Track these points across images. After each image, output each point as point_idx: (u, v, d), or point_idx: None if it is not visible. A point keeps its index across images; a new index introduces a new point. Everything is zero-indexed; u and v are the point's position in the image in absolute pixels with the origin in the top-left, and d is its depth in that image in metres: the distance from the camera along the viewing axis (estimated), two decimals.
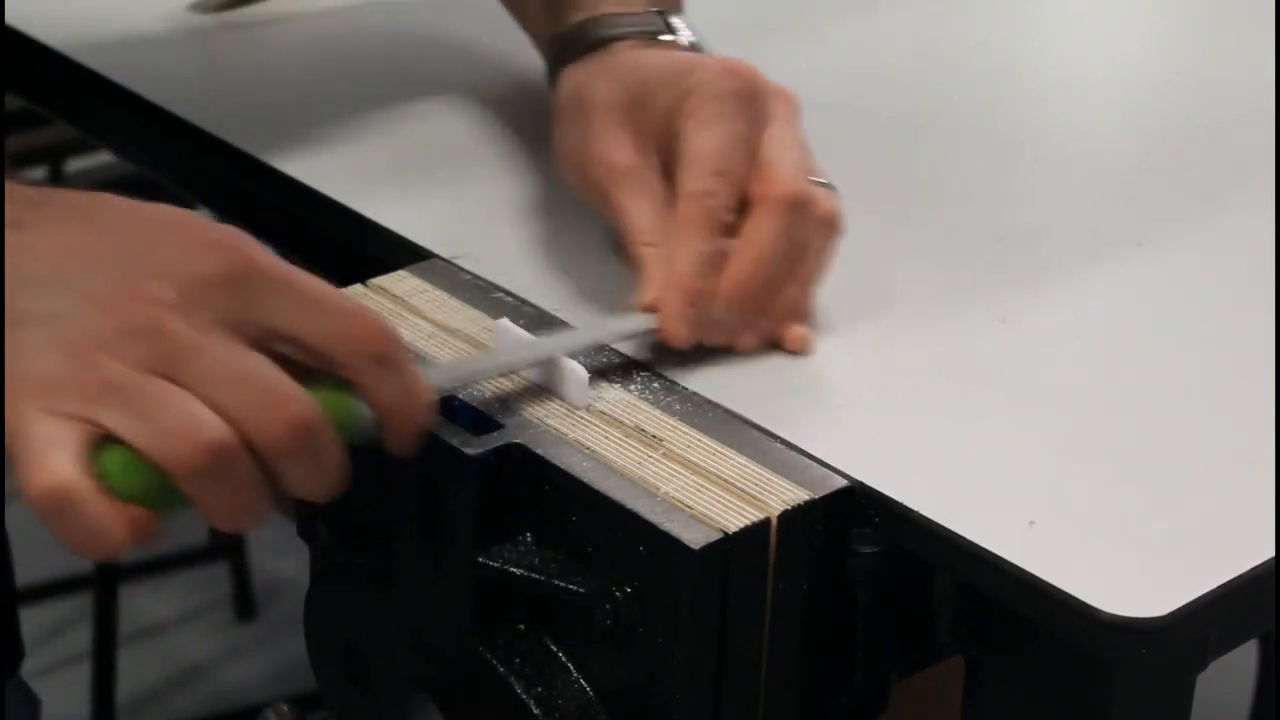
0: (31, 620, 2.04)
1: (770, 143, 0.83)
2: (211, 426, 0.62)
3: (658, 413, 0.77)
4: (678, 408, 0.78)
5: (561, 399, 0.77)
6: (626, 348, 0.82)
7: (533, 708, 0.73)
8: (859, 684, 0.77)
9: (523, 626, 0.75)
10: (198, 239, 0.65)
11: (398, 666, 0.79)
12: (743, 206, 0.82)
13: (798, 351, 0.83)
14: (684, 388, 0.79)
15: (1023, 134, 1.06)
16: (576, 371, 0.77)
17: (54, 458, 0.61)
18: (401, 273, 0.87)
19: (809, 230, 0.82)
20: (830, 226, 0.83)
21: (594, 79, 0.88)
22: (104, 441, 0.62)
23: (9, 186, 0.65)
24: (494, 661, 0.74)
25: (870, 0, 1.21)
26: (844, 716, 0.77)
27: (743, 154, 0.82)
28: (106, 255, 0.64)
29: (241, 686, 2.11)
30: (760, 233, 0.81)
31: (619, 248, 0.86)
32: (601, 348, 0.81)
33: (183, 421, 0.62)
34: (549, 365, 0.78)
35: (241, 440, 0.63)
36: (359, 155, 1.00)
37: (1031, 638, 0.71)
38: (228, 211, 1.11)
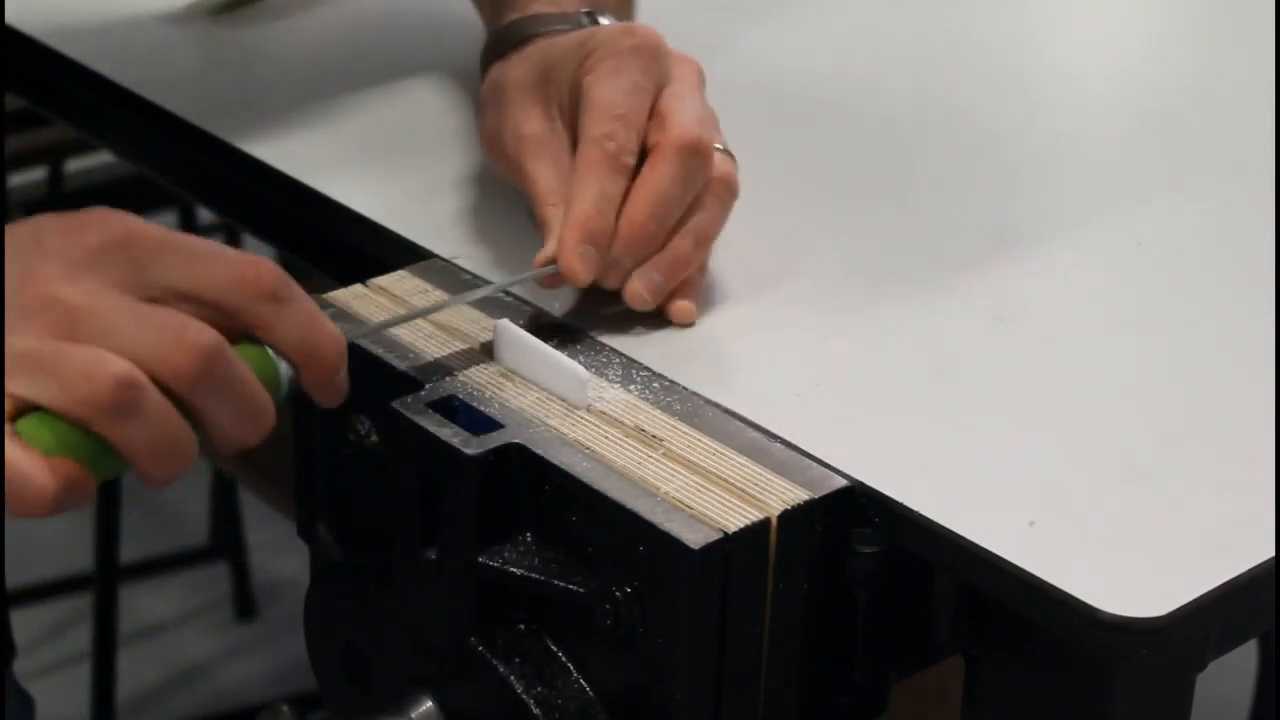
0: (31, 620, 2.05)
1: (670, 96, 0.86)
2: (112, 363, 0.64)
3: (658, 413, 0.77)
4: (678, 408, 0.78)
5: (561, 399, 0.77)
6: (529, 293, 0.84)
7: (533, 708, 0.73)
8: (859, 684, 0.76)
9: (523, 626, 0.75)
10: (75, 222, 0.68)
11: (398, 666, 0.79)
12: (643, 157, 0.84)
13: (682, 324, 0.84)
14: (684, 388, 0.79)
15: (1022, 134, 1.06)
16: (576, 371, 0.77)
17: None
18: (401, 273, 0.87)
19: (705, 177, 0.84)
20: (726, 187, 0.85)
21: (511, 66, 0.91)
22: (25, 411, 0.65)
23: None
24: (494, 661, 0.74)
25: (870, 0, 1.21)
26: (844, 716, 0.77)
27: (642, 101, 0.85)
28: (5, 259, 0.67)
29: (241, 686, 2.10)
30: (656, 174, 0.83)
31: (533, 216, 0.87)
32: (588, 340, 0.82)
33: (84, 366, 0.64)
34: (549, 365, 0.78)
35: (148, 373, 0.65)
36: (360, 155, 1.00)
37: (1031, 638, 0.71)
38: (228, 211, 1.11)
